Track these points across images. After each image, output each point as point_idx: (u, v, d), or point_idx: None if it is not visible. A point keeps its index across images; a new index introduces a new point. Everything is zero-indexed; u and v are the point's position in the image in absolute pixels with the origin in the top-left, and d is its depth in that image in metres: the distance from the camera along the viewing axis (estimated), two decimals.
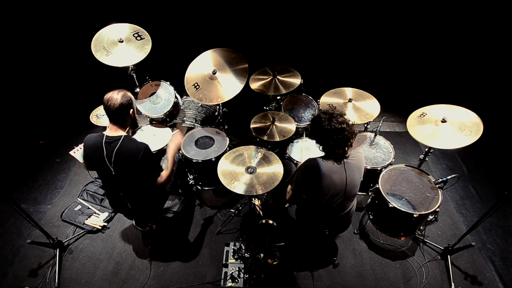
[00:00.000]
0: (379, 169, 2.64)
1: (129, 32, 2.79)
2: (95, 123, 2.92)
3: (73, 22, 4.44)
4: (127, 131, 2.07)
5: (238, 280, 2.40)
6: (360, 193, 3.02)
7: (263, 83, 3.11)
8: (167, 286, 2.48)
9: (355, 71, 4.63)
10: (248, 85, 2.92)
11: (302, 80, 3.11)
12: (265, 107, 3.22)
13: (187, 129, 3.14)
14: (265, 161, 2.50)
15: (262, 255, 2.17)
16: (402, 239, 2.74)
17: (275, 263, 2.20)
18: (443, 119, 2.41)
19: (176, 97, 2.96)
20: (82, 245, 2.74)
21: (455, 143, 2.31)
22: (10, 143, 3.75)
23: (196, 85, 2.75)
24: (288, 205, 3.00)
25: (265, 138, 2.81)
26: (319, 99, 3.02)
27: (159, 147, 2.76)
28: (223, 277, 2.45)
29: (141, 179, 2.14)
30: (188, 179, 3.02)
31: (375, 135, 2.84)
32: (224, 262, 2.53)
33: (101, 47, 2.68)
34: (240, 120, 3.35)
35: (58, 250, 2.61)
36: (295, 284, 2.48)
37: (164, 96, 2.98)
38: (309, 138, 2.09)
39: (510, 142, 3.72)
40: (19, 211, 2.28)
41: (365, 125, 3.05)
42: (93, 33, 2.72)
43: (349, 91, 3.00)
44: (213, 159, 2.70)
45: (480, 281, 2.51)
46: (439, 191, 2.44)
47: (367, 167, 2.65)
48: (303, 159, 2.24)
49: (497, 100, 4.28)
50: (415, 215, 2.32)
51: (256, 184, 2.31)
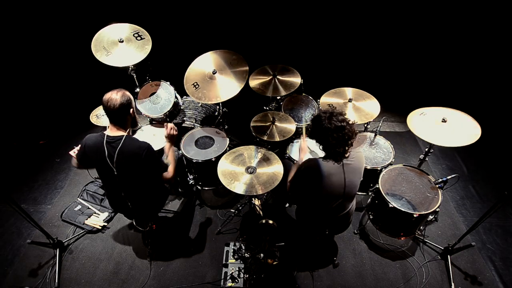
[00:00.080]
0: (379, 169, 2.64)
1: (129, 32, 2.79)
2: (95, 123, 2.92)
3: (73, 22, 4.44)
4: (128, 130, 2.07)
5: (238, 280, 2.40)
6: (360, 193, 3.03)
7: (263, 82, 3.11)
8: (167, 286, 2.48)
9: (355, 71, 4.63)
10: (248, 85, 2.92)
11: (302, 80, 3.11)
12: (265, 107, 3.23)
13: (188, 129, 3.15)
14: (265, 161, 2.50)
15: (262, 255, 2.18)
16: (402, 239, 2.74)
17: (275, 263, 2.20)
18: (443, 119, 2.42)
19: (176, 97, 2.96)
20: (82, 245, 2.74)
21: (455, 141, 2.32)
22: (10, 143, 3.75)
23: (195, 84, 2.75)
24: (288, 205, 3.00)
25: (265, 138, 2.81)
26: (319, 99, 3.02)
27: (159, 147, 2.75)
28: (223, 277, 2.45)
29: (145, 177, 2.14)
30: (188, 179, 3.03)
31: (375, 135, 2.84)
32: (224, 262, 2.53)
33: (101, 47, 2.68)
34: (240, 120, 3.35)
35: (58, 250, 2.61)
36: (295, 284, 2.48)
37: (164, 96, 2.98)
38: (309, 138, 2.08)
39: (510, 142, 3.72)
40: (19, 211, 2.28)
41: (365, 125, 3.05)
42: (93, 33, 2.72)
43: (349, 91, 3.00)
44: (213, 159, 2.70)
45: (480, 281, 2.51)
46: (439, 191, 2.44)
47: (367, 167, 2.65)
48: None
49: (497, 100, 4.28)
50: (415, 215, 2.32)
51: (256, 184, 2.31)
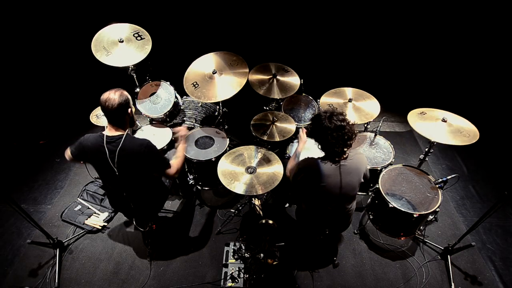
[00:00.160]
0: (379, 169, 2.64)
1: (129, 32, 2.79)
2: (95, 123, 2.92)
3: (73, 22, 4.44)
4: (127, 130, 2.07)
5: (238, 280, 2.40)
6: (360, 193, 3.03)
7: (261, 80, 3.07)
8: (167, 286, 2.48)
9: (355, 71, 4.63)
10: (248, 85, 2.91)
11: (302, 80, 3.11)
12: (265, 107, 3.23)
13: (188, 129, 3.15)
14: (265, 161, 2.50)
15: (262, 255, 2.18)
16: (402, 239, 2.74)
17: (275, 263, 2.20)
18: (443, 118, 2.44)
19: (176, 97, 2.96)
20: (82, 245, 2.74)
21: (455, 140, 2.33)
22: (10, 143, 3.75)
23: (195, 83, 2.75)
24: (288, 205, 3.00)
25: (265, 138, 2.81)
26: (319, 99, 3.02)
27: (159, 147, 2.76)
28: (223, 277, 2.45)
29: (146, 176, 2.14)
30: (188, 179, 3.03)
31: (375, 135, 2.84)
32: (224, 262, 2.53)
33: (101, 47, 2.68)
34: (240, 120, 3.35)
35: (58, 250, 2.61)
36: (295, 284, 2.48)
37: (164, 96, 2.98)
38: (309, 137, 2.09)
39: (509, 142, 3.72)
40: (19, 211, 2.27)
41: (365, 125, 3.05)
42: (93, 33, 2.72)
43: (349, 91, 3.00)
44: (213, 159, 2.70)
45: (480, 281, 2.51)
46: (439, 191, 2.44)
47: (367, 167, 2.64)
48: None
49: (497, 100, 4.28)
50: (415, 215, 2.32)
51: (256, 184, 2.31)
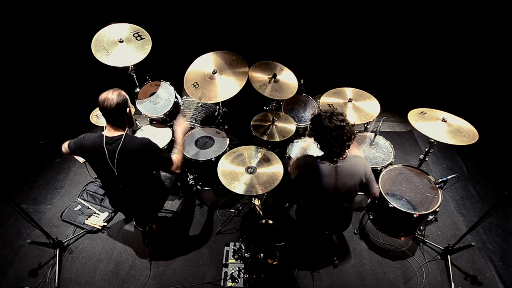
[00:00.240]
0: (379, 169, 2.64)
1: (129, 32, 2.79)
2: (95, 123, 2.92)
3: (73, 22, 4.44)
4: (126, 130, 2.07)
5: (238, 280, 2.40)
6: (360, 193, 3.02)
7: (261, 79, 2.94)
8: (167, 286, 2.48)
9: (355, 71, 4.63)
10: (248, 85, 2.91)
11: (302, 80, 3.10)
12: (265, 107, 3.22)
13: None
14: (265, 161, 2.50)
15: (262, 255, 2.17)
16: (402, 239, 2.74)
17: (275, 263, 2.20)
18: (443, 118, 2.43)
19: (176, 97, 2.96)
20: (82, 245, 2.74)
21: (455, 140, 2.33)
22: (10, 143, 3.75)
23: (195, 84, 2.75)
24: (288, 205, 3.00)
25: (265, 138, 2.81)
26: (319, 99, 3.02)
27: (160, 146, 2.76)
28: (223, 277, 2.45)
29: (147, 175, 2.14)
30: (188, 179, 3.02)
31: (375, 135, 2.84)
32: (224, 262, 2.52)
33: (101, 47, 2.68)
34: (240, 120, 3.35)
35: (58, 250, 2.61)
36: (295, 284, 2.48)
37: (164, 96, 2.98)
38: (308, 136, 2.09)
39: (509, 142, 3.72)
40: (19, 211, 2.27)
41: (365, 125, 3.05)
42: (93, 33, 2.72)
43: (349, 91, 3.00)
44: (213, 159, 2.70)
45: (480, 281, 2.51)
46: (439, 191, 2.44)
47: (368, 170, 2.64)
48: None
49: (497, 100, 4.28)
50: (415, 215, 2.32)
51: (256, 184, 2.31)
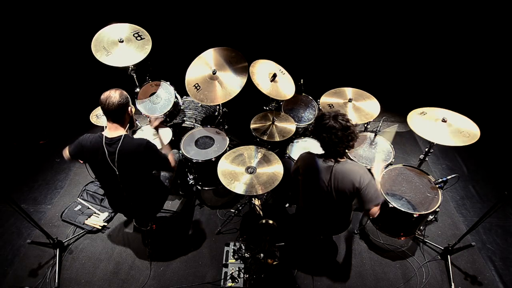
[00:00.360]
0: None
1: (129, 32, 2.79)
2: (95, 123, 2.92)
3: (73, 22, 4.44)
4: (126, 130, 2.07)
5: (238, 280, 2.40)
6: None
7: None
8: (167, 286, 2.48)
9: (355, 71, 4.63)
10: (248, 85, 2.91)
11: (302, 80, 3.10)
12: (265, 107, 3.22)
13: (188, 129, 3.14)
14: (265, 161, 2.50)
15: (262, 255, 2.17)
16: (402, 239, 2.74)
17: (275, 263, 2.20)
18: (443, 119, 2.43)
19: (176, 97, 2.96)
20: (82, 245, 2.74)
21: (455, 141, 2.32)
22: (10, 143, 3.75)
23: (196, 85, 2.75)
24: (288, 205, 3.00)
25: (265, 138, 2.81)
26: (319, 99, 3.02)
27: (159, 147, 2.75)
28: (223, 277, 2.45)
29: (147, 175, 2.15)
30: (188, 179, 3.03)
31: (375, 135, 2.84)
32: (224, 262, 2.52)
33: (101, 47, 2.68)
34: (240, 120, 3.35)
35: (58, 250, 2.61)
36: (295, 284, 2.48)
37: (164, 96, 2.98)
38: (312, 135, 2.10)
39: (510, 142, 3.72)
40: (19, 211, 2.27)
41: (365, 125, 3.05)
42: (93, 33, 2.72)
43: (349, 91, 3.00)
44: (213, 159, 2.70)
45: (480, 281, 2.51)
46: (439, 191, 2.44)
47: (367, 167, 2.64)
48: None
49: (497, 100, 4.29)
50: (415, 215, 2.32)
51: (256, 184, 2.31)
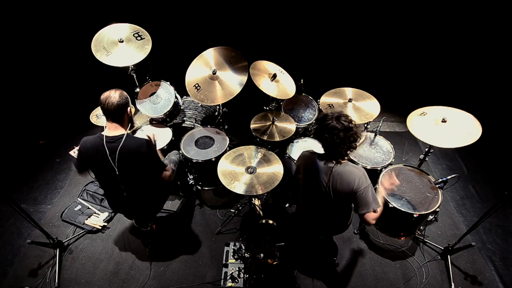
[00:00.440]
0: (379, 169, 2.64)
1: (129, 32, 2.79)
2: (95, 123, 2.92)
3: (73, 22, 4.44)
4: (127, 130, 2.07)
5: (238, 280, 2.40)
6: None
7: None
8: (167, 286, 2.48)
9: (355, 71, 4.63)
10: (248, 85, 2.91)
11: (302, 80, 3.10)
12: (265, 107, 3.22)
13: (188, 129, 3.14)
14: (265, 161, 2.50)
15: (262, 255, 2.17)
16: (402, 239, 2.74)
17: (275, 263, 2.20)
18: (443, 119, 2.41)
19: (176, 97, 2.96)
20: (82, 245, 2.74)
21: (455, 142, 2.31)
22: (10, 143, 3.75)
23: (197, 86, 2.75)
24: (288, 205, 3.00)
25: (265, 138, 2.81)
26: (319, 99, 3.02)
27: (159, 147, 2.76)
28: (223, 277, 2.45)
29: (146, 174, 2.14)
30: (188, 179, 3.03)
31: (375, 135, 2.84)
32: (224, 262, 2.52)
33: (101, 47, 2.68)
34: (240, 120, 3.35)
35: (58, 250, 2.61)
36: (295, 284, 2.48)
37: (164, 96, 2.98)
38: (314, 136, 2.10)
39: (510, 142, 3.72)
40: (19, 211, 2.28)
41: (365, 125, 3.05)
42: (93, 33, 2.72)
43: (349, 91, 3.00)
44: (213, 159, 2.70)
45: (480, 281, 2.51)
46: (439, 191, 2.44)
47: (367, 167, 2.65)
48: None
49: (497, 100, 4.28)
50: (415, 215, 2.32)
51: (256, 184, 2.31)
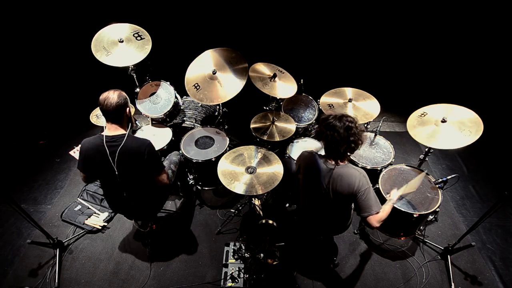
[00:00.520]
0: (379, 169, 2.64)
1: (129, 32, 2.79)
2: (95, 123, 2.92)
3: (73, 22, 4.44)
4: (127, 129, 2.07)
5: (238, 280, 2.40)
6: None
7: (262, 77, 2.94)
8: (167, 286, 2.48)
9: (355, 71, 4.63)
10: (248, 85, 2.91)
11: (302, 80, 3.10)
12: (265, 107, 3.22)
13: (188, 129, 3.14)
14: (265, 161, 2.50)
15: (262, 255, 2.18)
16: (402, 239, 2.74)
17: (275, 263, 2.20)
18: (443, 119, 2.40)
19: (176, 97, 2.96)
20: (82, 245, 2.74)
21: (455, 143, 2.31)
22: (10, 143, 3.75)
23: (196, 85, 2.75)
24: (288, 205, 3.00)
25: (265, 138, 2.81)
26: (319, 99, 3.02)
27: (159, 147, 2.76)
28: (223, 277, 2.45)
29: (145, 175, 2.15)
30: (188, 179, 3.03)
31: (375, 135, 2.84)
32: (224, 262, 2.53)
33: (101, 47, 2.68)
34: (240, 120, 3.35)
35: (58, 250, 2.61)
36: (295, 284, 2.48)
37: (164, 96, 2.98)
38: (316, 134, 2.08)
39: (510, 142, 3.72)
40: (19, 211, 2.28)
41: (365, 125, 3.05)
42: (93, 33, 2.72)
43: (349, 91, 3.01)
44: (213, 159, 2.70)
45: (480, 281, 2.51)
46: (439, 191, 2.44)
47: (367, 167, 2.65)
48: None
49: (497, 100, 4.28)
50: (415, 215, 2.32)
51: (256, 184, 2.31)
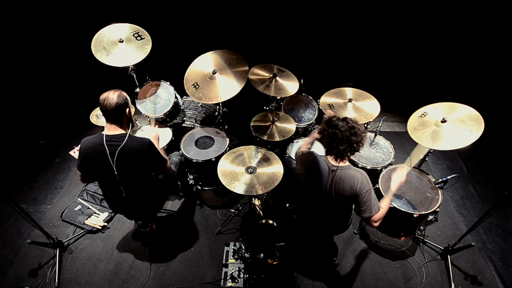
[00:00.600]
0: (379, 169, 2.64)
1: (129, 32, 2.79)
2: (95, 123, 2.93)
3: (73, 22, 4.44)
4: (128, 129, 2.07)
5: (238, 280, 2.40)
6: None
7: (262, 78, 3.00)
8: (167, 286, 2.48)
9: (355, 71, 4.63)
10: (248, 85, 2.91)
11: (302, 80, 3.10)
12: (265, 107, 3.22)
13: (188, 129, 3.15)
14: (265, 161, 2.50)
15: (262, 255, 2.18)
16: (402, 239, 2.74)
17: (275, 263, 2.20)
18: (443, 119, 2.38)
19: (176, 97, 2.96)
20: (82, 245, 2.74)
21: (456, 143, 2.29)
22: (10, 143, 3.75)
23: (195, 84, 2.75)
24: (288, 205, 3.00)
25: (265, 138, 2.81)
26: (319, 99, 3.02)
27: (159, 147, 2.76)
28: (223, 277, 2.45)
29: (147, 174, 2.16)
30: (188, 179, 3.03)
31: (375, 135, 2.84)
32: (224, 262, 2.53)
33: (101, 47, 2.68)
34: (240, 120, 3.35)
35: (58, 250, 2.62)
36: (295, 284, 2.48)
37: (164, 96, 2.98)
38: (318, 133, 2.07)
39: (510, 142, 3.72)
40: (19, 211, 2.28)
41: (365, 125, 3.05)
42: (93, 33, 2.72)
43: (349, 91, 3.00)
44: (213, 159, 2.70)
45: (480, 281, 2.51)
46: (439, 191, 2.44)
47: (367, 167, 2.65)
48: None
49: (497, 100, 4.28)
50: (415, 215, 2.32)
51: (256, 184, 2.31)
